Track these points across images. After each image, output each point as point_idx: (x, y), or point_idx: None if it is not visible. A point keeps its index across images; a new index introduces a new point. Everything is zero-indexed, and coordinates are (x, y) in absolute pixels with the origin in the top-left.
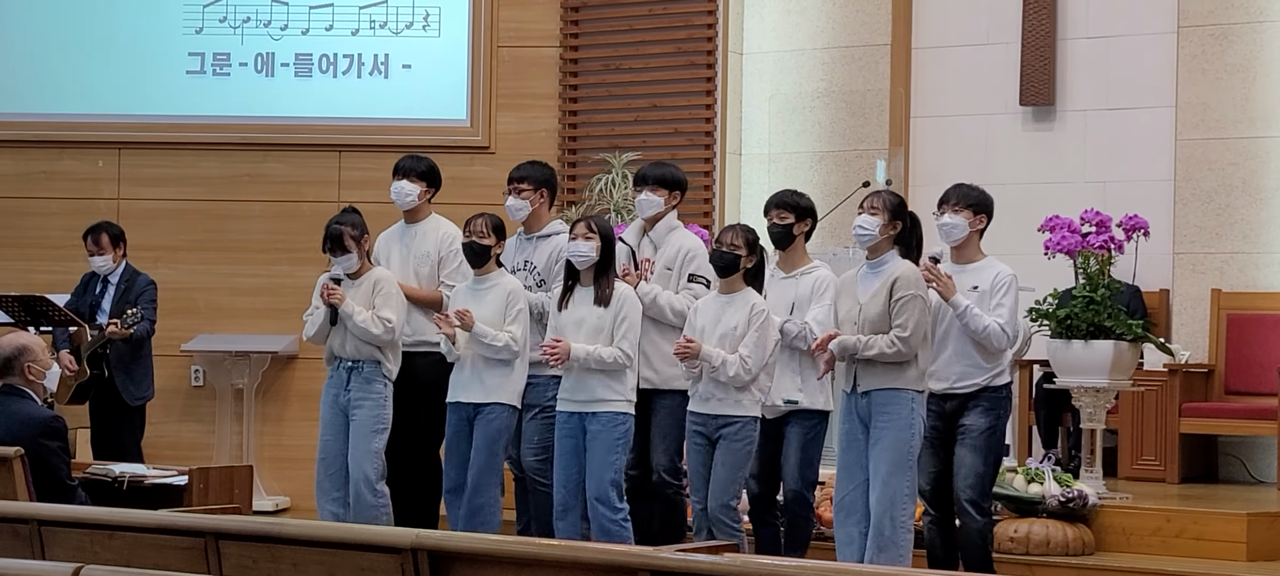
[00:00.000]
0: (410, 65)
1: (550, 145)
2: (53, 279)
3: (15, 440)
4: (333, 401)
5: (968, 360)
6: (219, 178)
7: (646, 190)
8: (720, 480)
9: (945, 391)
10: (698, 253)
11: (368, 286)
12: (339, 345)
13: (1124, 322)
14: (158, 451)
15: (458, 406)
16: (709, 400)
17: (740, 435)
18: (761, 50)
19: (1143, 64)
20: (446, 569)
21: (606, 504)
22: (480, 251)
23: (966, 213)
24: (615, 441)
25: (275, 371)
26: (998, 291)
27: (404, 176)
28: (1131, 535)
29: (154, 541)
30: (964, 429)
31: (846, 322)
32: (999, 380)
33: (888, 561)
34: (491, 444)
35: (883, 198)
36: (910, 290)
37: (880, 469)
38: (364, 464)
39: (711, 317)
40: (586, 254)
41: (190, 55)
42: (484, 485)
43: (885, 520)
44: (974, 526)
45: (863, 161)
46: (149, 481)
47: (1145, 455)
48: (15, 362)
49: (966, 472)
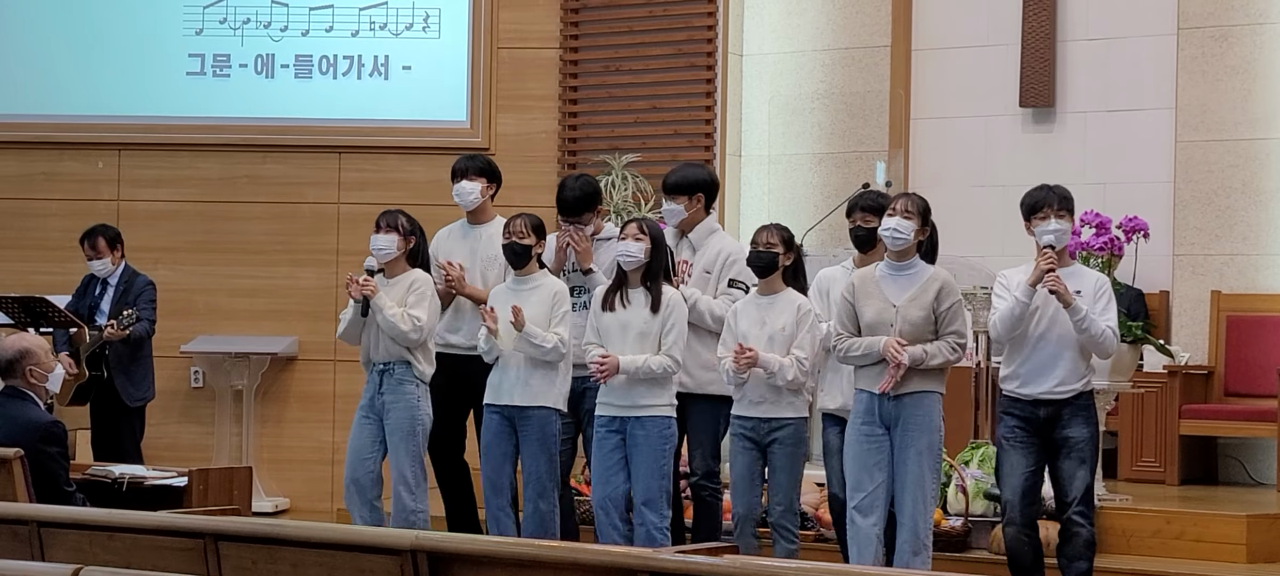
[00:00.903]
0: (410, 67)
1: (550, 147)
2: (52, 280)
3: (15, 444)
4: (367, 405)
5: (1067, 365)
6: (219, 179)
7: (667, 199)
8: (781, 485)
9: (1040, 397)
10: (738, 256)
11: (404, 286)
12: (372, 348)
13: (1124, 324)
14: (157, 452)
15: (498, 409)
16: (760, 404)
17: (793, 437)
18: (761, 52)
19: (1142, 66)
20: (445, 570)
21: (655, 510)
22: (521, 251)
23: (1069, 218)
24: (663, 446)
25: (275, 373)
26: (1102, 297)
27: (463, 176)
28: (1131, 537)
29: (153, 542)
30: (1068, 441)
31: (880, 325)
32: (1091, 386)
33: (920, 565)
34: (547, 449)
35: (914, 201)
36: (956, 296)
37: (912, 472)
38: (402, 467)
39: (754, 320)
40: (636, 255)
41: (190, 56)
42: (546, 491)
43: (920, 523)
44: (1084, 536)
45: (862, 163)
46: (148, 482)
47: (1145, 457)
48: (18, 365)
49: (1077, 486)
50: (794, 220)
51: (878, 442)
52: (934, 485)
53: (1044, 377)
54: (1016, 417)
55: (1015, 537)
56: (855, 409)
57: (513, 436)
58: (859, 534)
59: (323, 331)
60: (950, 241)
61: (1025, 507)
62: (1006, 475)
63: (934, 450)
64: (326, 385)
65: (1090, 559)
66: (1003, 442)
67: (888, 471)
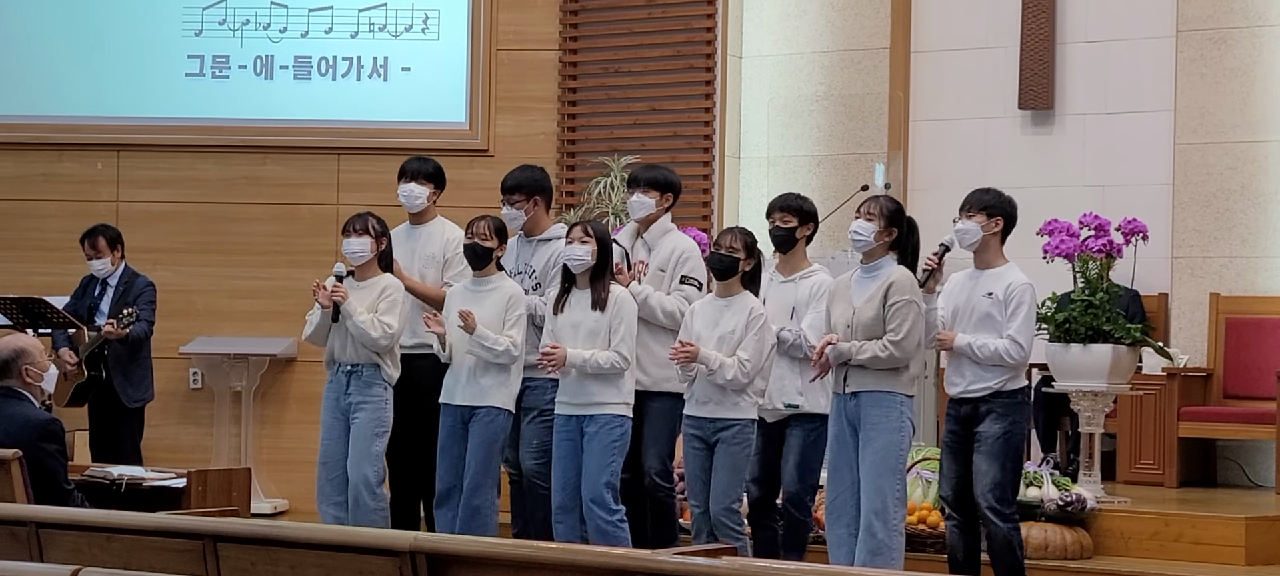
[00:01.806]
0: (409, 68)
1: (549, 148)
2: (51, 281)
3: (13, 443)
4: (333, 405)
5: (975, 366)
6: (218, 180)
7: (638, 192)
8: (721, 484)
9: (960, 396)
10: (691, 254)
11: (375, 291)
12: (339, 349)
13: (1122, 326)
14: (156, 453)
15: (451, 409)
16: (706, 404)
17: (738, 438)
18: (760, 54)
19: (1141, 68)
20: (444, 571)
21: (602, 506)
22: (482, 253)
23: (980, 216)
24: (612, 444)
25: (273, 374)
26: (1011, 302)
27: (412, 179)
28: (1130, 539)
29: (152, 543)
30: (979, 436)
31: (839, 326)
32: (1012, 384)
33: (880, 564)
34: (489, 446)
35: (879, 203)
36: (905, 296)
37: (870, 471)
38: (364, 467)
39: (708, 320)
40: (582, 257)
41: (189, 57)
42: (481, 486)
43: (876, 522)
44: (999, 533)
45: (861, 165)
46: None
47: (1143, 459)
48: (13, 365)
49: (983, 479)
50: None
51: (845, 444)
52: (897, 485)
53: (957, 376)
54: (951, 419)
55: (952, 536)
56: (831, 411)
57: (466, 436)
58: (830, 535)
59: None
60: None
61: (959, 507)
62: (941, 477)
63: (893, 450)
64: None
65: (1014, 559)
66: (941, 444)
67: (855, 472)
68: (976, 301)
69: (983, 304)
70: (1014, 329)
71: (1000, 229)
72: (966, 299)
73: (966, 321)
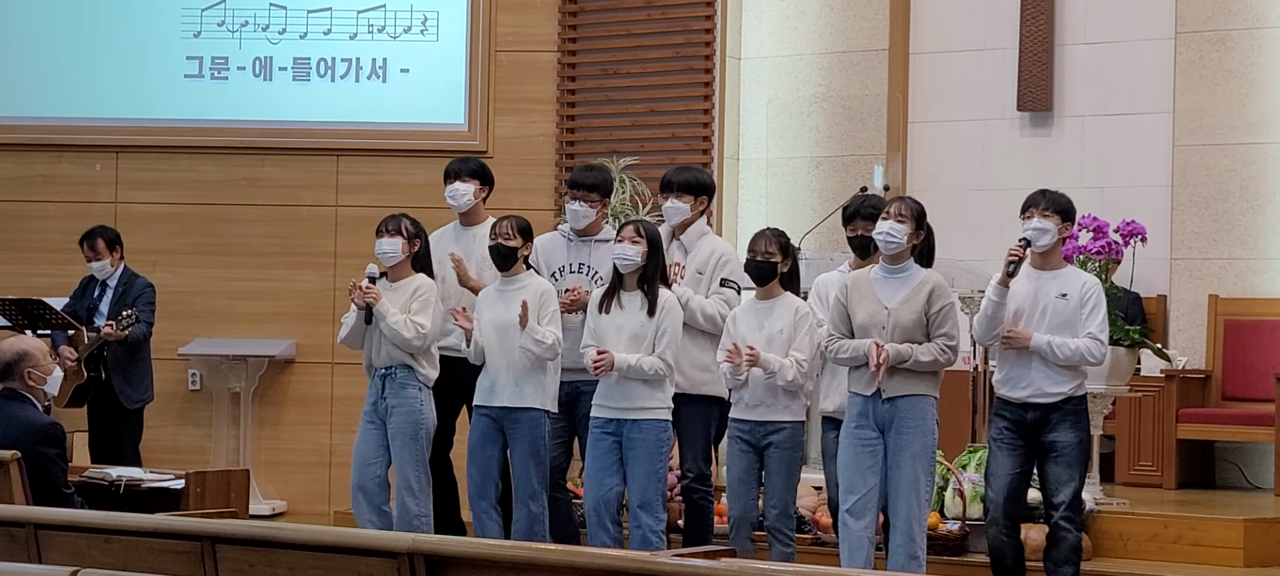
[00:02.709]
0: (408, 69)
1: (548, 150)
2: (51, 282)
3: (13, 446)
4: (371, 410)
5: (1046, 369)
6: (216, 181)
7: (672, 197)
8: (777, 488)
9: (1026, 400)
10: (729, 257)
11: (408, 292)
12: (374, 353)
13: (1121, 328)
14: (155, 455)
15: (487, 411)
16: (757, 407)
17: (789, 441)
18: (759, 55)
19: (1140, 70)
20: (442, 573)
21: (651, 513)
22: (507, 254)
23: (1056, 218)
24: (658, 449)
25: (272, 375)
26: (1088, 302)
27: (456, 178)
28: (1129, 541)
29: (150, 545)
30: (1055, 445)
31: (872, 327)
32: (1082, 390)
33: (915, 568)
34: (536, 451)
35: (908, 205)
36: (948, 299)
37: (909, 475)
38: (406, 470)
39: (753, 324)
40: (632, 258)
41: (188, 59)
42: (536, 494)
43: (914, 526)
44: (1071, 541)
45: (860, 166)
46: (146, 485)
47: (1142, 461)
48: (16, 367)
49: (1062, 488)
50: (791, 223)
51: (870, 446)
52: (928, 488)
53: (1023, 379)
54: (1006, 419)
55: (996, 538)
56: (849, 411)
57: (500, 438)
58: (851, 536)
59: (320, 334)
60: (947, 245)
61: (1008, 509)
62: (992, 476)
63: (927, 453)
64: (324, 388)
65: (1077, 563)
66: (991, 443)
67: (880, 474)
68: (1049, 302)
69: (1056, 304)
70: (1095, 327)
71: (1068, 233)
72: (1033, 299)
73: (1036, 323)
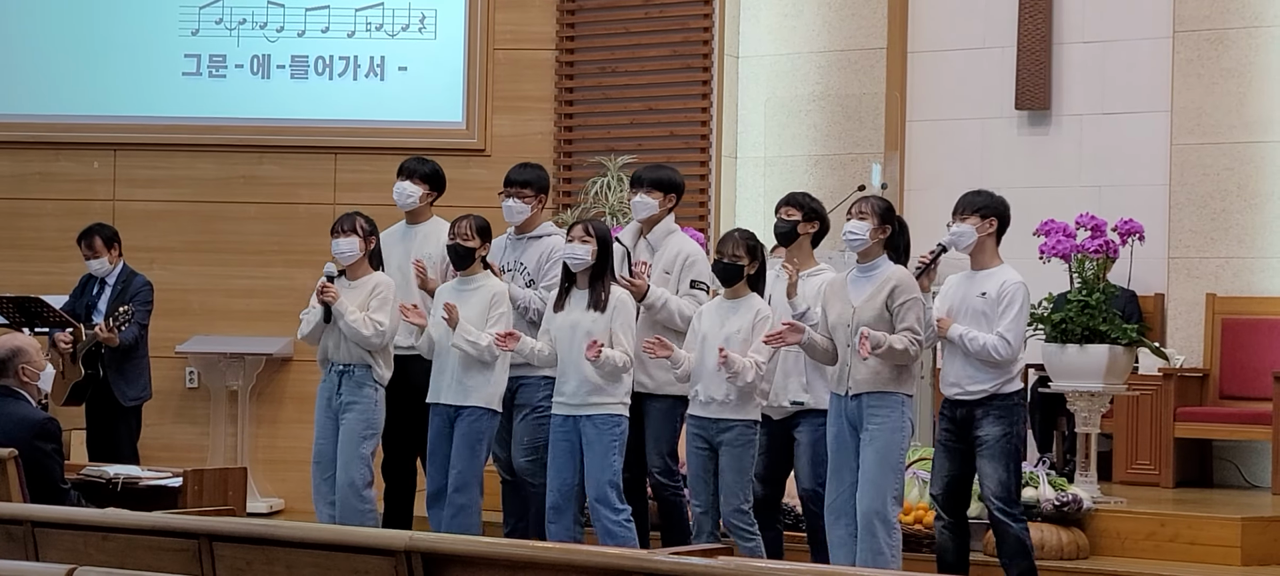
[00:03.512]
0: (406, 67)
1: (546, 148)
2: (48, 280)
3: (10, 442)
4: (326, 405)
5: (974, 366)
6: (214, 179)
7: (642, 192)
8: (728, 485)
9: (956, 397)
10: (697, 258)
11: (366, 289)
12: (332, 348)
13: (1119, 327)
14: (152, 453)
15: (438, 408)
16: (709, 405)
17: (741, 439)
18: (757, 54)
19: (1138, 69)
20: (439, 571)
21: (608, 505)
22: (465, 253)
23: (974, 219)
24: (612, 443)
25: (270, 373)
26: (1003, 300)
27: (408, 177)
28: (1126, 539)
29: (148, 543)
30: (980, 440)
31: (840, 326)
32: (1008, 387)
33: (879, 564)
34: (473, 446)
35: (871, 203)
36: (910, 294)
37: (870, 470)
38: (351, 469)
39: (715, 322)
40: (582, 257)
41: (186, 57)
42: (465, 486)
43: (875, 521)
44: (1011, 533)
45: (858, 165)
46: (143, 483)
47: (1140, 459)
48: (10, 364)
49: (990, 482)
50: None
51: (845, 444)
52: (896, 485)
53: (955, 378)
54: (945, 418)
55: (940, 533)
56: (829, 411)
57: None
58: (829, 533)
59: None
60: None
61: (948, 507)
62: (933, 475)
63: (892, 450)
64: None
65: (1028, 555)
66: (935, 444)
67: (855, 473)
68: (971, 301)
69: (977, 303)
70: (1004, 326)
71: (994, 230)
72: (961, 299)
73: (960, 320)
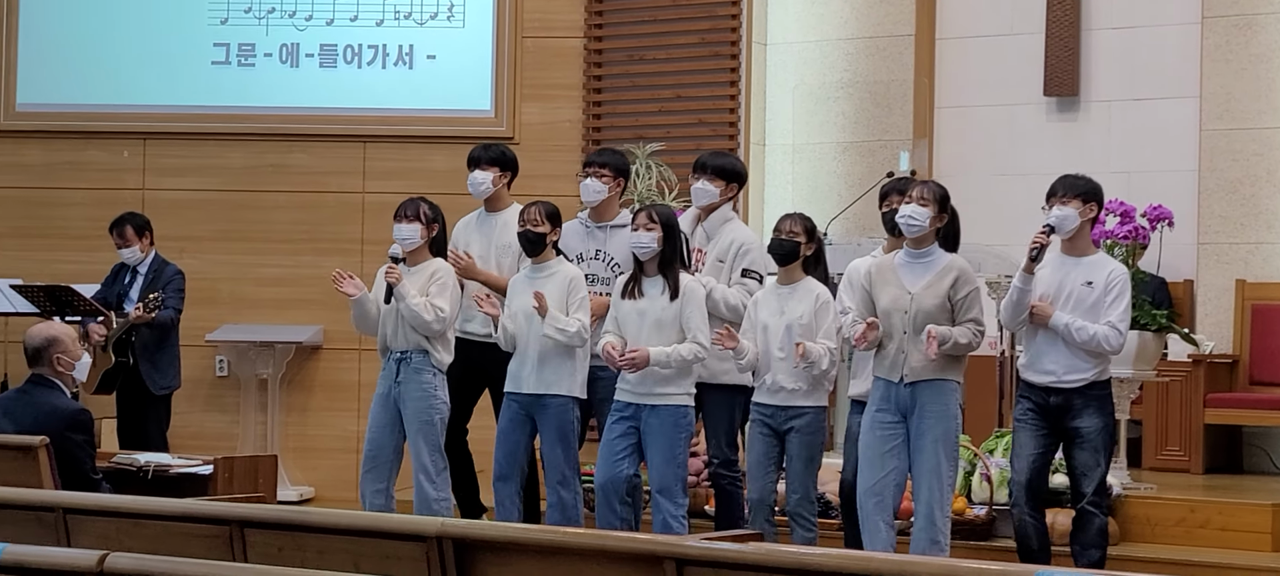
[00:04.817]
0: (435, 56)
1: (574, 136)
2: (78, 269)
3: (42, 431)
4: (385, 393)
5: (1077, 355)
6: (243, 168)
7: (703, 178)
8: (797, 473)
9: (1051, 385)
10: (751, 247)
11: (425, 275)
12: (390, 335)
13: (1148, 313)
14: (182, 441)
15: (516, 397)
16: (778, 392)
17: (812, 426)
18: (786, 41)
19: (1167, 54)
20: (472, 557)
21: (671, 498)
22: (536, 239)
23: (1076, 202)
24: (677, 435)
25: (299, 362)
26: (1112, 290)
27: (476, 166)
28: (1156, 525)
29: (179, 530)
30: (1078, 431)
31: (894, 311)
32: (1105, 375)
33: (936, 552)
34: (566, 436)
35: (931, 188)
36: (973, 285)
37: (928, 460)
38: (422, 456)
39: (773, 309)
40: (649, 245)
41: (215, 46)
42: (566, 479)
43: (936, 511)
44: (1098, 524)
45: (887, 152)
46: (174, 471)
47: (1169, 445)
48: (45, 353)
49: (1090, 475)
50: (818, 209)
51: (891, 431)
52: (951, 473)
53: (1044, 362)
54: (1029, 401)
55: (1020, 519)
56: (872, 396)
57: (529, 425)
58: (868, 521)
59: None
60: (974, 230)
61: (1031, 489)
62: (1014, 456)
63: (950, 438)
64: (351, 374)
65: (1103, 546)
66: (1015, 423)
67: (900, 460)
68: (1074, 289)
69: (1081, 292)
70: (1115, 316)
71: (1094, 215)
72: (1059, 285)
73: (1060, 308)
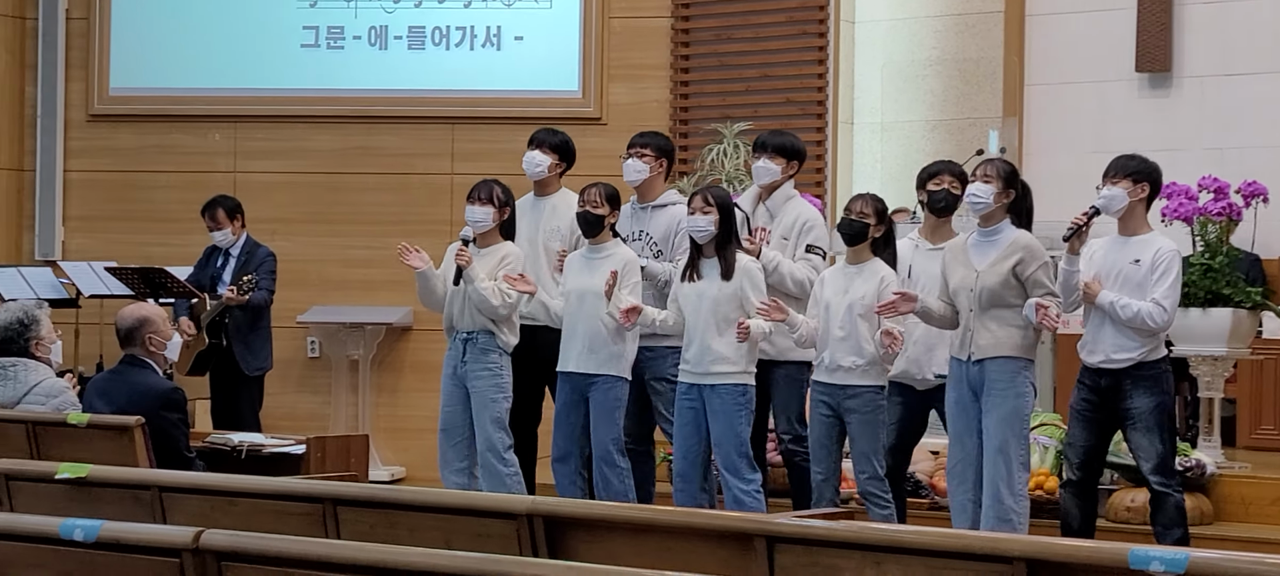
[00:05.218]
0: (522, 37)
1: (662, 116)
2: (168, 251)
3: (136, 411)
4: (452, 373)
5: (1123, 334)
6: (332, 150)
7: (764, 157)
8: (862, 453)
9: (1100, 365)
10: (815, 223)
11: (495, 258)
12: (456, 316)
13: (1242, 290)
14: (275, 421)
15: (568, 377)
16: (836, 371)
17: (870, 405)
18: (873, 18)
19: (1260, 28)
20: (562, 534)
21: (737, 475)
22: (594, 221)
23: (1125, 182)
24: (737, 411)
25: (390, 342)
26: (1158, 267)
27: (537, 147)
28: (1250, 504)
29: (273, 507)
30: (1129, 412)
31: (961, 290)
32: (1155, 354)
33: (1006, 530)
34: (611, 413)
35: (996, 165)
36: (1040, 260)
37: (995, 437)
38: (489, 433)
39: (837, 288)
40: (705, 227)
41: (304, 28)
42: (609, 456)
43: (1002, 489)
44: (1172, 502)
45: (976, 130)
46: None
47: (1264, 424)
48: (137, 333)
49: (1147, 455)
50: (906, 188)
51: (965, 409)
52: (1022, 451)
53: (1098, 345)
54: (1085, 387)
55: (1066, 501)
56: (949, 376)
57: (583, 405)
58: (952, 499)
59: None
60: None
61: (1080, 477)
62: (1067, 445)
63: (1018, 416)
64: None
65: (1184, 524)
66: (1070, 412)
67: (978, 438)
68: (1123, 267)
69: (1130, 270)
70: (1160, 293)
71: (1145, 195)
72: (1111, 264)
73: (1110, 287)
